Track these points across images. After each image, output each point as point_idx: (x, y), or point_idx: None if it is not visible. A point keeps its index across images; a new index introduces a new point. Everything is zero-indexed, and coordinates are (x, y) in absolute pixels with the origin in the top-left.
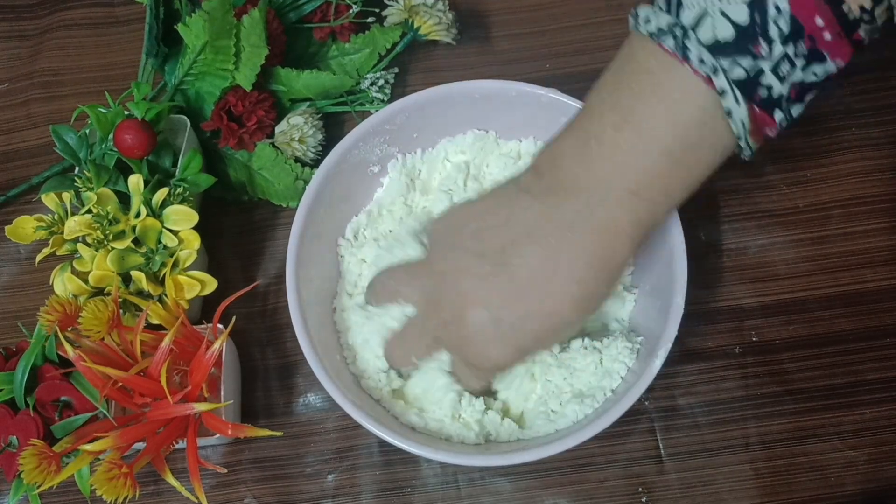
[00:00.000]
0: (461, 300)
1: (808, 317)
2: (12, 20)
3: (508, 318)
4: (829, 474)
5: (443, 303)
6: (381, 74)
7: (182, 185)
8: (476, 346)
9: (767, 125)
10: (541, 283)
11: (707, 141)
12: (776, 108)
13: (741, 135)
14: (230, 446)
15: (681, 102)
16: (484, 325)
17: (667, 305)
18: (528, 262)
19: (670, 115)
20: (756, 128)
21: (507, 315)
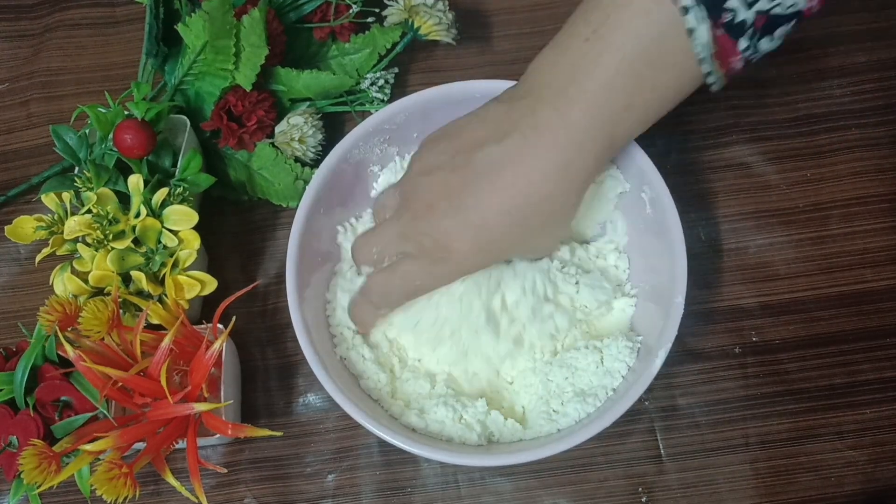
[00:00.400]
0: (430, 193)
1: (808, 317)
2: (12, 20)
3: (468, 206)
4: (829, 474)
5: (414, 198)
6: (381, 74)
7: (182, 185)
8: (440, 236)
9: (732, 54)
10: (501, 174)
11: (670, 59)
12: (741, 36)
13: (704, 56)
14: (230, 446)
15: (646, 17)
16: (446, 214)
17: (667, 305)
18: (491, 156)
19: (634, 29)
20: (721, 53)
21: (465, 204)
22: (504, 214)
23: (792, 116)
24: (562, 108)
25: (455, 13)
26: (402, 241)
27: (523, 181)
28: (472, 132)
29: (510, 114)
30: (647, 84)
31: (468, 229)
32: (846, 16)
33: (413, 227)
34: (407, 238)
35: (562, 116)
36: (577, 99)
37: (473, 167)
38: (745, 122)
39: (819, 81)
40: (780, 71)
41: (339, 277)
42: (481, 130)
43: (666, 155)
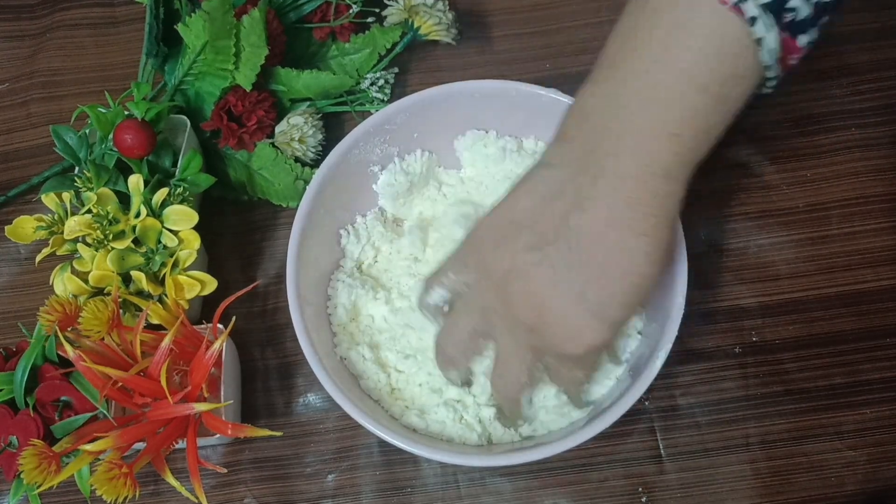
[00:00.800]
0: (536, 295)
1: (808, 317)
2: (12, 20)
3: (590, 291)
4: (829, 474)
5: (521, 309)
6: (381, 74)
7: (182, 185)
8: (568, 333)
9: (793, 52)
10: (607, 246)
11: (740, 72)
12: (801, 32)
13: (770, 63)
14: (230, 446)
15: (711, 36)
16: (569, 309)
17: (667, 305)
18: (586, 229)
19: (702, 50)
20: (783, 55)
21: (588, 289)
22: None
23: (792, 116)
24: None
25: (455, 13)
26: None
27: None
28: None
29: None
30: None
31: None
32: (846, 16)
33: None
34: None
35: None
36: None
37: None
38: (745, 122)
39: (819, 81)
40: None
41: (339, 274)
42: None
43: None
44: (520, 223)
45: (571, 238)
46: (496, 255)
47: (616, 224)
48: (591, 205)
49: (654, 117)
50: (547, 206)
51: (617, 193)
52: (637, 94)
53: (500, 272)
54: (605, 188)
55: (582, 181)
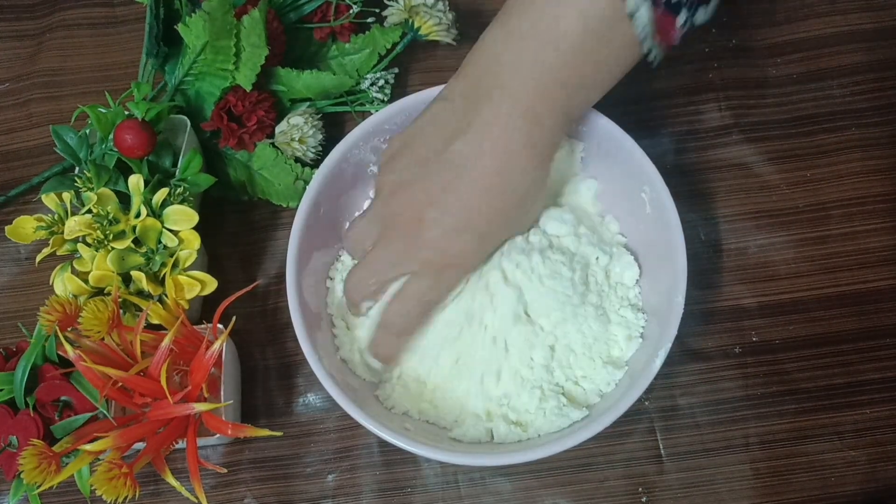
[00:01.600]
0: (413, 208)
1: (808, 317)
2: (12, 20)
3: (453, 206)
4: (829, 474)
5: (398, 217)
6: (381, 74)
7: (182, 185)
8: (438, 244)
9: (670, 29)
10: (475, 166)
11: (615, 40)
12: (678, 13)
13: (644, 36)
14: (230, 446)
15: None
16: (437, 221)
17: (667, 305)
18: (458, 151)
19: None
20: (660, 30)
21: (452, 204)
22: (489, 202)
23: (792, 116)
24: (517, 96)
25: (455, 13)
26: (401, 263)
27: (496, 166)
28: (431, 136)
29: (466, 109)
30: (594, 64)
31: (462, 228)
32: (846, 16)
33: (408, 246)
34: (406, 258)
35: (518, 103)
36: (530, 85)
37: (446, 167)
38: (745, 122)
39: (819, 81)
40: (780, 71)
41: (338, 272)
42: (441, 131)
43: (666, 155)
44: (409, 145)
45: (446, 159)
46: (386, 170)
47: (482, 149)
48: (471, 129)
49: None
50: (435, 131)
51: (489, 127)
52: (519, 41)
53: (391, 184)
54: (481, 123)
55: (467, 110)
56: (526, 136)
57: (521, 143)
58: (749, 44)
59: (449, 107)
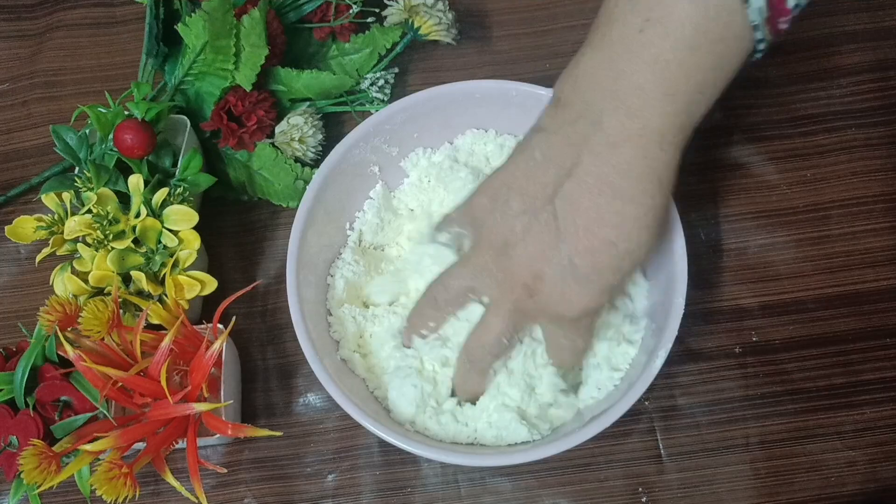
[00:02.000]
0: (530, 264)
1: (808, 317)
2: (12, 20)
3: (580, 260)
4: (829, 474)
5: (513, 275)
6: (381, 74)
7: (182, 185)
8: (561, 300)
9: (782, 13)
10: (594, 214)
11: (728, 31)
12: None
13: (758, 23)
14: (230, 446)
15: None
16: (561, 277)
17: (667, 305)
18: (576, 199)
19: (690, 9)
20: (772, 15)
21: (578, 258)
22: (619, 260)
23: (792, 116)
24: (639, 117)
25: (455, 13)
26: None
27: (624, 214)
28: (535, 178)
29: (570, 139)
30: (710, 64)
31: (591, 289)
32: (846, 16)
33: (529, 306)
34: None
35: (640, 125)
36: (652, 102)
37: (564, 217)
38: (745, 122)
39: (819, 81)
40: (780, 71)
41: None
42: (545, 172)
43: None
44: (512, 187)
45: (560, 205)
46: (491, 218)
47: (605, 190)
48: (581, 171)
49: (645, 78)
50: (539, 170)
51: (607, 158)
52: (628, 55)
53: (498, 236)
54: (596, 153)
55: (573, 146)
56: (643, 163)
57: (639, 173)
58: None
59: (550, 141)
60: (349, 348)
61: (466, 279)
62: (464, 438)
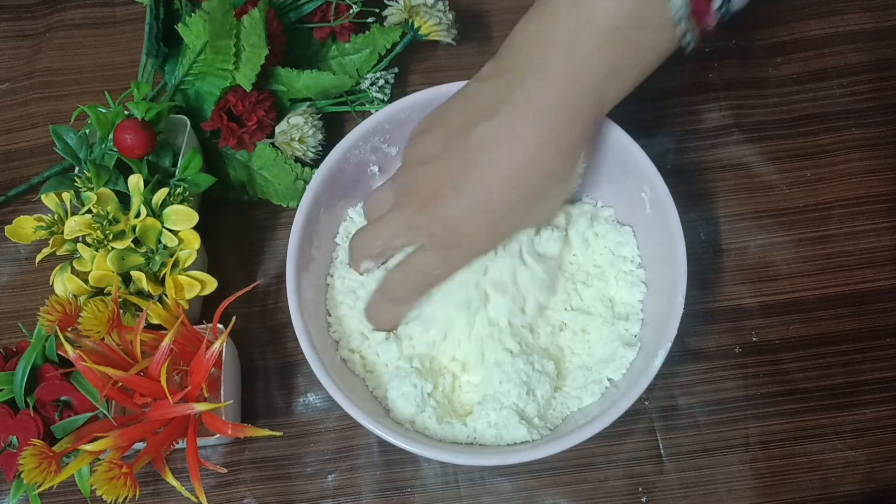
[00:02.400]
0: (432, 181)
1: (808, 317)
2: (12, 20)
3: (470, 187)
4: (829, 474)
5: (416, 188)
6: (381, 74)
7: (182, 185)
8: (450, 222)
9: (706, 13)
10: (499, 150)
11: (651, 22)
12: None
13: (681, 16)
14: (230, 446)
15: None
16: (452, 199)
17: (667, 305)
18: (485, 134)
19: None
20: (696, 13)
21: (469, 186)
22: (508, 190)
23: (792, 116)
24: (550, 79)
25: (455, 13)
26: (411, 232)
27: (521, 154)
28: (461, 115)
29: (497, 90)
30: (630, 47)
31: (476, 211)
32: (846, 16)
33: (421, 218)
34: (416, 229)
35: (551, 86)
36: (564, 68)
37: (470, 148)
38: (745, 122)
39: (819, 81)
40: (780, 71)
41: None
42: (470, 111)
43: (666, 155)
44: (438, 121)
45: (473, 140)
46: (414, 143)
47: (507, 135)
48: (498, 117)
49: (566, 51)
50: (465, 108)
51: (522, 113)
52: (556, 29)
53: (415, 156)
54: (514, 105)
55: (498, 94)
56: (554, 124)
57: (549, 131)
58: (749, 44)
59: (481, 88)
60: (349, 348)
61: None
62: (463, 438)
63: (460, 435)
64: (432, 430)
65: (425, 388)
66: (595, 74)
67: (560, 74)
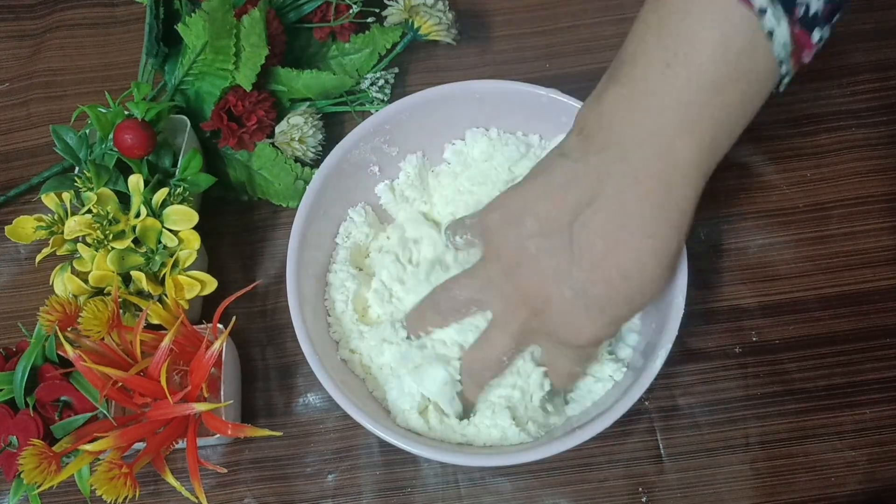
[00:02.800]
0: (540, 285)
1: (808, 317)
2: (12, 20)
3: (592, 288)
4: (829, 474)
5: (525, 293)
6: (381, 74)
7: (182, 185)
8: (569, 326)
9: (806, 46)
10: (613, 245)
11: (753, 67)
12: (814, 27)
13: (783, 57)
14: (230, 446)
15: (722, 32)
16: (571, 302)
17: (667, 305)
18: (596, 228)
19: (717, 44)
20: (796, 49)
21: (590, 286)
22: (631, 294)
23: (792, 116)
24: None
25: (455, 13)
26: (522, 342)
27: (640, 248)
28: (557, 200)
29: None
30: (733, 99)
31: (599, 318)
32: (846, 16)
33: (535, 327)
34: (528, 338)
35: (661, 163)
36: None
37: (581, 245)
38: None
39: (819, 81)
40: None
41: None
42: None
43: None
44: (528, 207)
45: (578, 231)
46: (502, 234)
47: (623, 224)
48: (603, 200)
49: (668, 119)
50: (559, 194)
51: (631, 191)
52: (652, 94)
53: (509, 252)
54: (619, 185)
55: (597, 175)
56: (666, 201)
57: (661, 210)
58: None
59: (573, 167)
60: (349, 348)
61: (473, 290)
62: (463, 438)
63: (461, 435)
64: (433, 431)
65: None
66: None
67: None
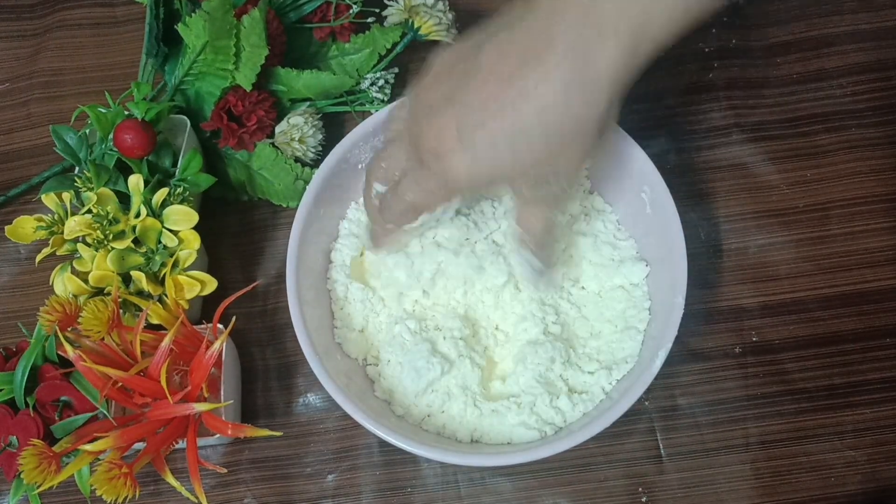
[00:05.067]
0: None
1: (808, 317)
2: (12, 20)
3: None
4: (830, 474)
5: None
6: (381, 74)
7: (182, 185)
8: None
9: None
10: (505, 74)
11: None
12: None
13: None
14: (230, 446)
15: None
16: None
17: (667, 305)
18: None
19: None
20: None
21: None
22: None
23: (792, 116)
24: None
25: (455, 13)
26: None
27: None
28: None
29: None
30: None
31: (465, 137)
32: (846, 16)
33: (416, 138)
34: (411, 150)
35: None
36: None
37: (479, 61)
38: (745, 122)
39: (819, 81)
40: (780, 71)
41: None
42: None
43: (666, 155)
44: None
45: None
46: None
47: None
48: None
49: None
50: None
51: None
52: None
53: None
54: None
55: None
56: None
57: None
58: (749, 44)
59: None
60: (349, 348)
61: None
62: (464, 438)
63: (461, 435)
64: (434, 428)
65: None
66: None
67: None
